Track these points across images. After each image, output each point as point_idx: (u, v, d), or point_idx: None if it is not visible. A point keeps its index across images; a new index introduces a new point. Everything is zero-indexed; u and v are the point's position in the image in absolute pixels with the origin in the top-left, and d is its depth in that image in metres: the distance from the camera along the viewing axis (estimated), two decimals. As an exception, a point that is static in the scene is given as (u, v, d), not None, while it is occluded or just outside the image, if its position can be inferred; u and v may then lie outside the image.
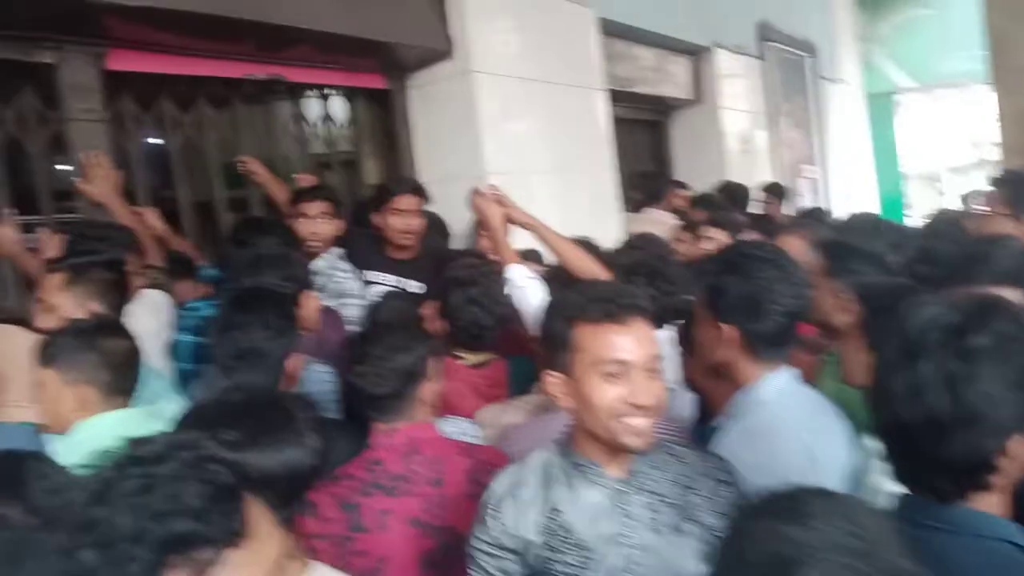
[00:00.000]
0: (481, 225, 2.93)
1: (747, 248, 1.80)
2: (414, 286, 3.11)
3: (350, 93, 3.98)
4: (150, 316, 2.43)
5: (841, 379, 2.01)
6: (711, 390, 1.96)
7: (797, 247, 2.56)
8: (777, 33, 7.31)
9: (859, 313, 1.98)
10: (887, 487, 1.62)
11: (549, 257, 2.93)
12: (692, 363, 2.04)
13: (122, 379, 1.85)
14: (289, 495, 1.34)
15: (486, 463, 1.76)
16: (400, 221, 3.08)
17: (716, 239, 3.53)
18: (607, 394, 1.34)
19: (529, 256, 3.21)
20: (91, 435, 1.74)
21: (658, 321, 1.55)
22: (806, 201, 7.52)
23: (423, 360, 1.84)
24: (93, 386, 1.79)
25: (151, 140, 3.40)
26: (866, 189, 9.43)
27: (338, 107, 3.99)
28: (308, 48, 3.44)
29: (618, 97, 5.11)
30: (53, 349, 1.78)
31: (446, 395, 2.03)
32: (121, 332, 1.89)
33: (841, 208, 7.13)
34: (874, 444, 1.75)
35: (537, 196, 3.89)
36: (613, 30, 5.02)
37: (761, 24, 7.09)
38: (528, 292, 2.46)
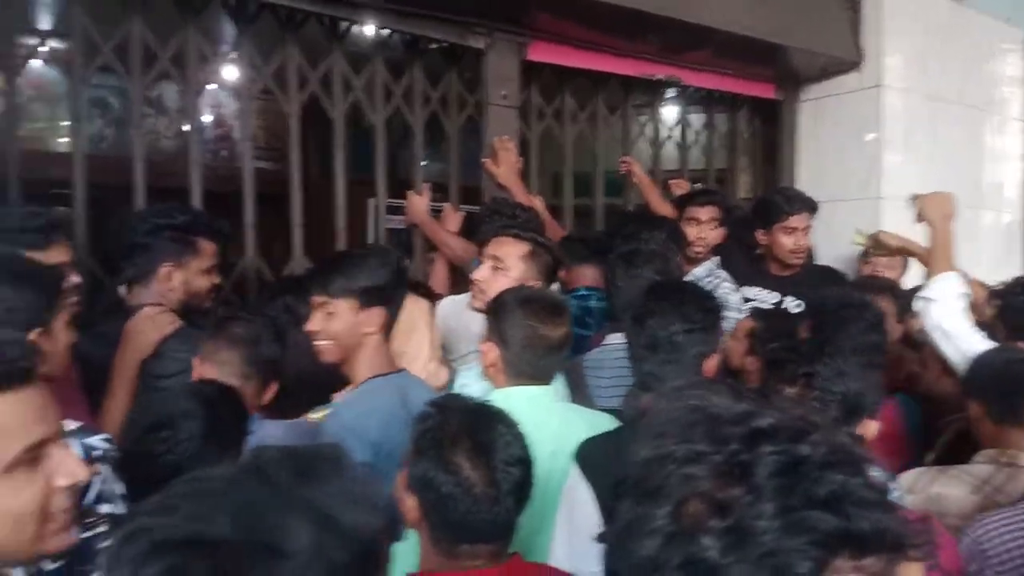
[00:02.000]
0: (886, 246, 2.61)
1: None
2: (793, 304, 2.88)
3: (734, 102, 3.83)
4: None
5: None
6: None
7: None
8: None
9: None
10: None
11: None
12: None
13: (545, 359, 1.83)
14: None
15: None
16: (791, 240, 2.89)
17: None
18: None
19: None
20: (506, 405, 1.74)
21: None
22: None
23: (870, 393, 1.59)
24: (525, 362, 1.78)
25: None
26: None
27: (721, 117, 3.85)
28: (706, 52, 3.34)
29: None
30: (503, 321, 1.79)
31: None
32: (564, 316, 1.87)
33: None
34: None
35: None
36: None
37: None
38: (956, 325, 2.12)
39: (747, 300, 2.92)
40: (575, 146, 3.40)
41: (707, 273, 2.91)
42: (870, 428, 1.59)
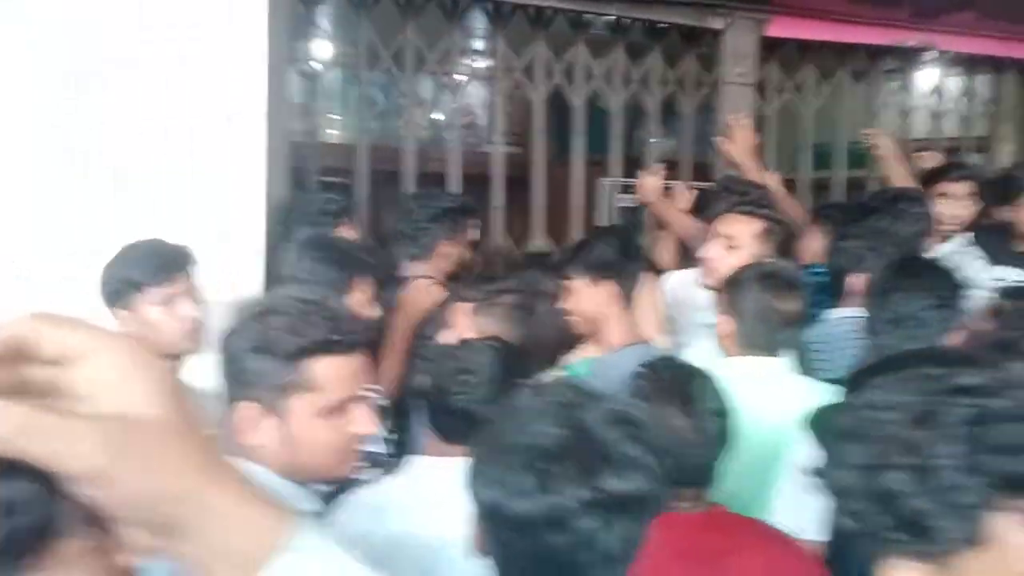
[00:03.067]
0: None
1: None
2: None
3: (999, 66, 3.53)
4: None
5: None
6: None
7: None
8: None
9: None
10: None
11: None
12: None
13: (778, 332, 1.89)
14: None
15: None
16: None
17: None
18: None
19: None
20: (734, 373, 1.82)
21: None
22: None
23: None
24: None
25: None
26: None
27: (982, 80, 3.57)
28: (968, 14, 3.13)
29: None
30: (738, 295, 1.88)
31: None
32: (798, 290, 1.92)
33: None
34: None
35: None
36: None
37: None
38: None
39: (998, 280, 2.74)
40: (816, 118, 3.34)
41: (956, 250, 2.76)
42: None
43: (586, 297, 2.03)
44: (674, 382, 1.44)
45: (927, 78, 3.56)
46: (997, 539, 0.71)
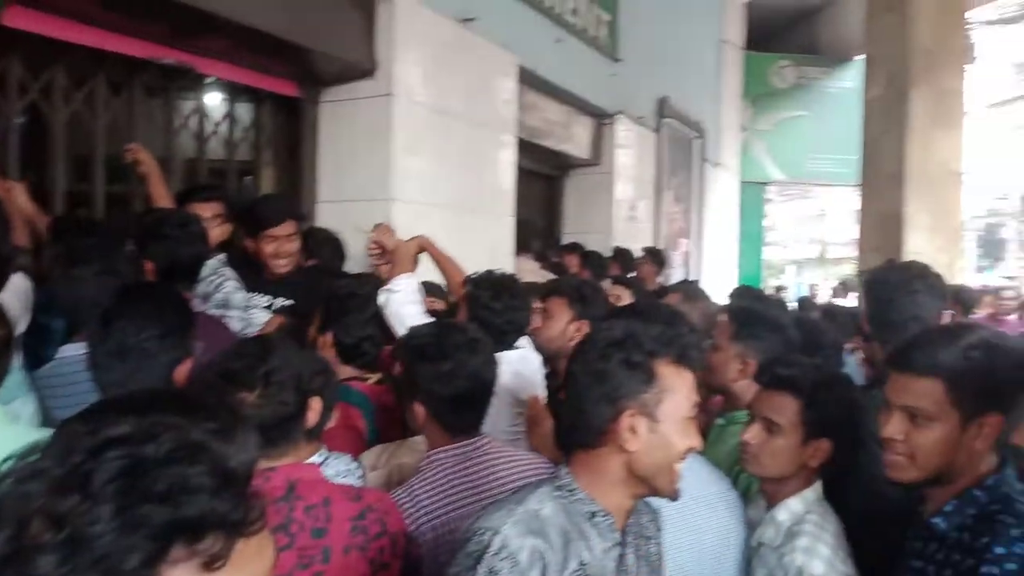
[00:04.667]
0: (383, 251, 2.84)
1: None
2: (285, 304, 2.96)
3: (258, 96, 3.80)
4: (16, 303, 2.15)
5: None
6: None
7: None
8: (673, 111, 7.68)
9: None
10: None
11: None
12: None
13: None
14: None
15: (375, 511, 1.56)
16: (273, 247, 2.90)
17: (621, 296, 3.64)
18: (688, 438, 1.32)
19: (432, 290, 3.15)
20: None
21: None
22: (678, 272, 7.85)
23: (317, 382, 1.67)
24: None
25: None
26: (731, 268, 9.97)
27: (244, 108, 3.79)
28: (224, 41, 3.26)
29: (524, 147, 5.17)
30: None
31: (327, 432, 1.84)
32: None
33: (708, 283, 7.49)
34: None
35: (437, 231, 3.82)
36: (530, 80, 5.09)
37: (661, 100, 7.43)
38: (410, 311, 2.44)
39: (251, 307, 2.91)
40: (71, 128, 3.06)
41: (211, 272, 2.83)
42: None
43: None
44: None
45: (191, 101, 3.61)
46: None
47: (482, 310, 2.36)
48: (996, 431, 1.41)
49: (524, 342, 2.52)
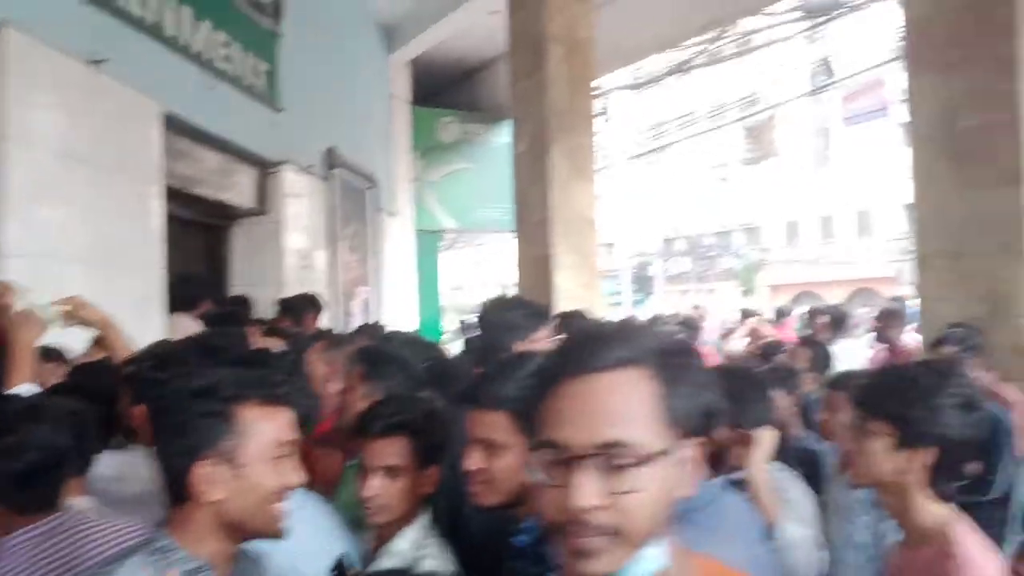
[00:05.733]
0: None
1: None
2: None
3: None
4: None
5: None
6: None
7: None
8: (343, 161, 7.79)
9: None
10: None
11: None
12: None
13: None
14: None
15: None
16: None
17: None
18: (282, 476, 1.37)
19: (52, 355, 2.88)
20: None
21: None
22: (358, 319, 7.92)
23: None
24: None
25: None
26: (410, 313, 10.27)
27: None
28: None
29: (176, 196, 4.91)
30: None
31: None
32: None
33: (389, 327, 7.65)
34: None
35: (69, 287, 3.46)
36: (178, 127, 4.87)
37: (329, 150, 7.51)
38: None
39: None
40: None
41: None
42: None
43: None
44: None
45: None
46: None
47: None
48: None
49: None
